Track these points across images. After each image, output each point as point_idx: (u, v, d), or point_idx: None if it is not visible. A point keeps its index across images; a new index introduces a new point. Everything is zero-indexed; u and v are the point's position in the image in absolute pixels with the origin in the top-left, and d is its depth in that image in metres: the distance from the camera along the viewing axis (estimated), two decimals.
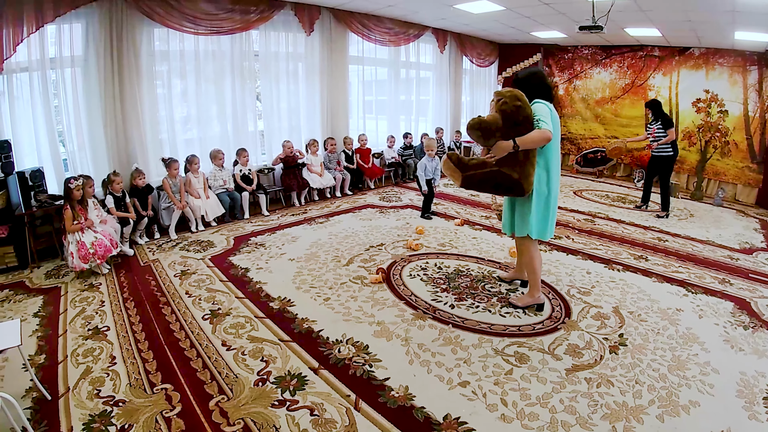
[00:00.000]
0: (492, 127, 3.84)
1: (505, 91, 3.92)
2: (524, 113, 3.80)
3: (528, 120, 3.81)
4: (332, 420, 2.97)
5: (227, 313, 4.41)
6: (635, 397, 3.21)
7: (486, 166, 4.00)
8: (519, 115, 3.79)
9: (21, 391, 3.21)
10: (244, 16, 7.30)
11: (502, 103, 3.84)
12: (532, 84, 4.12)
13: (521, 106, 3.79)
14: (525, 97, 3.88)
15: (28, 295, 4.82)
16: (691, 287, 5.09)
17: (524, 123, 3.80)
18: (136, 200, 6.31)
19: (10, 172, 5.44)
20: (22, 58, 5.71)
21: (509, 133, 3.81)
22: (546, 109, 3.91)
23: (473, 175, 4.02)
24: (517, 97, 3.82)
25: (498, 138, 3.85)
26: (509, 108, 3.79)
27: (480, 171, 4.01)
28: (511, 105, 3.79)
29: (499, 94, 3.92)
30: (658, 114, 7.87)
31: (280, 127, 8.74)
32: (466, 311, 4.44)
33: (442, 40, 11.06)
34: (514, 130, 3.80)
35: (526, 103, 3.86)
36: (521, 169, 3.90)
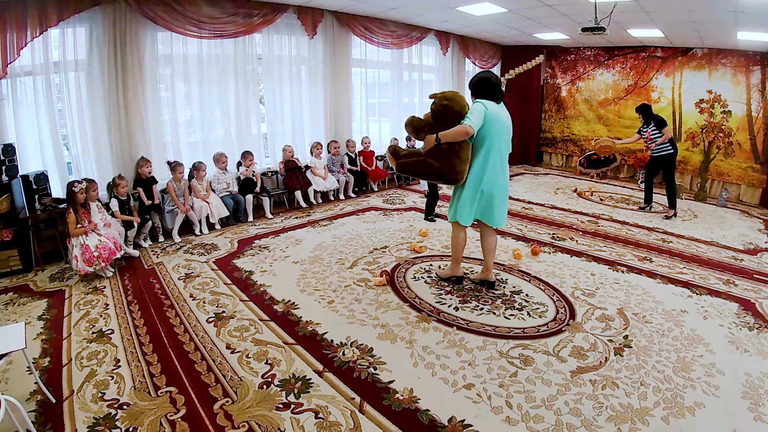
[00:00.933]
0: (422, 124, 4.57)
1: (438, 93, 4.54)
2: (452, 111, 4.36)
3: (459, 116, 4.33)
4: (337, 423, 2.97)
5: (231, 316, 4.41)
6: (640, 398, 3.20)
7: (415, 156, 4.67)
8: (446, 112, 4.38)
9: (25, 394, 3.21)
10: (247, 20, 7.31)
11: (432, 103, 4.51)
12: (477, 85, 4.57)
13: (448, 105, 4.37)
14: (459, 97, 4.45)
15: (32, 298, 4.83)
16: (695, 288, 5.08)
17: (454, 119, 4.33)
18: (141, 190, 6.33)
19: (15, 175, 5.45)
20: (26, 62, 5.73)
21: (438, 129, 4.38)
22: (480, 107, 4.34)
23: (404, 162, 4.74)
24: (445, 98, 4.42)
25: (426, 132, 4.49)
26: (436, 106, 4.45)
27: (409, 159, 4.70)
28: (438, 104, 4.43)
29: (433, 96, 4.54)
30: (648, 117, 7.97)
31: (283, 130, 8.74)
32: (470, 313, 4.44)
33: (444, 43, 11.06)
34: (444, 126, 4.35)
35: (458, 102, 4.39)
36: (443, 160, 4.44)
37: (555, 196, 9.51)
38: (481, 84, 4.54)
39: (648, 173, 8.44)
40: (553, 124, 13.06)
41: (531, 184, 10.85)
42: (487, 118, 4.32)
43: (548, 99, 13.05)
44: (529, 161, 13.44)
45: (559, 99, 12.79)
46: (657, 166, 8.11)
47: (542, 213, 8.21)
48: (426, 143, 4.49)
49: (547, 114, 13.15)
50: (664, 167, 7.99)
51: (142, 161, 6.49)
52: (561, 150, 13.06)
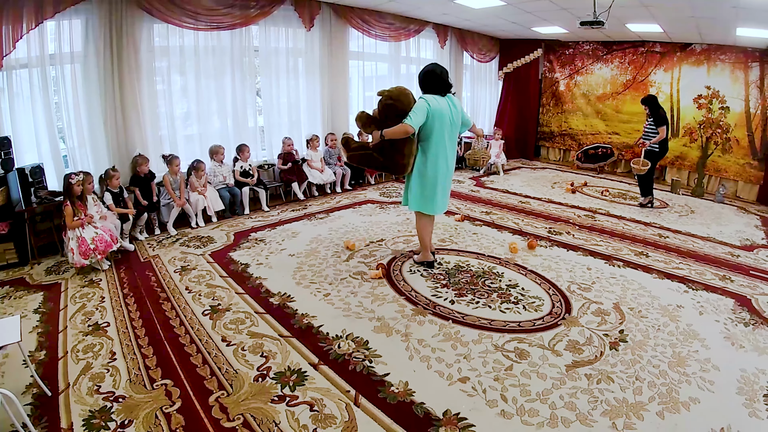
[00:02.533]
0: (369, 119, 4.87)
1: (386, 90, 4.78)
2: (397, 109, 4.62)
3: (404, 114, 4.53)
4: (332, 415, 2.97)
5: (227, 308, 4.42)
6: (635, 393, 3.21)
7: (363, 149, 5.08)
8: (391, 110, 4.66)
9: (21, 387, 3.21)
10: (243, 12, 7.28)
11: (379, 101, 4.77)
12: (424, 80, 4.79)
13: (391, 104, 4.66)
14: (405, 95, 4.72)
15: (28, 292, 4.81)
16: (691, 284, 5.09)
17: (399, 116, 4.54)
18: (137, 190, 6.32)
19: (10, 168, 5.43)
20: (22, 54, 5.69)
21: (385, 125, 4.64)
22: (423, 104, 4.57)
23: (354, 155, 5.15)
24: (390, 96, 4.68)
25: (373, 128, 4.76)
26: (381, 104, 4.76)
27: (359, 152, 5.12)
28: (383, 102, 4.72)
29: (381, 93, 4.77)
30: (653, 110, 7.97)
31: (280, 123, 8.72)
32: (466, 307, 4.45)
33: (442, 36, 11.03)
34: (389, 122, 4.61)
35: (402, 100, 4.66)
36: (387, 155, 4.80)
37: (552, 191, 9.51)
38: (427, 78, 4.76)
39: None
40: (551, 119, 13.05)
41: (528, 178, 10.84)
42: (431, 114, 4.58)
43: (546, 93, 13.03)
44: (526, 155, 13.43)
45: (557, 93, 12.78)
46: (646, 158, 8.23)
47: (539, 207, 8.21)
48: (372, 138, 4.79)
49: (545, 108, 13.13)
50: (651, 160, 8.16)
51: (140, 159, 6.45)
52: (559, 144, 13.05)
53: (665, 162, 10.64)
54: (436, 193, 4.91)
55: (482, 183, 10.16)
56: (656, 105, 8.02)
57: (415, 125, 4.47)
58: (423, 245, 5.34)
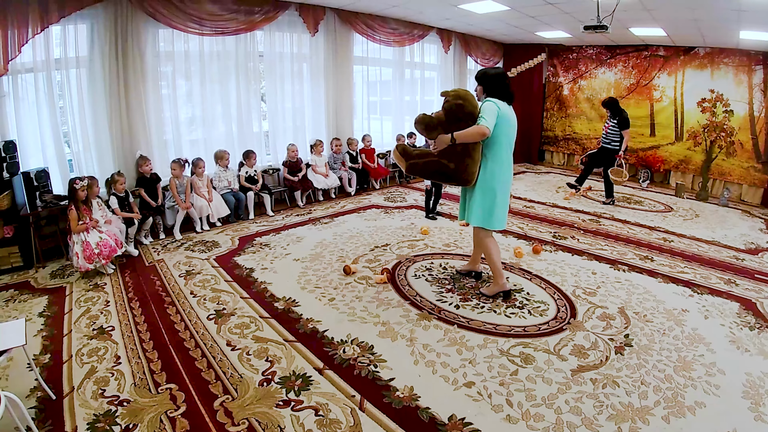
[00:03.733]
0: (434, 122, 4.35)
1: (451, 90, 4.36)
2: (466, 110, 4.19)
3: (472, 116, 4.18)
4: (337, 420, 2.97)
5: (232, 313, 4.42)
6: (641, 398, 3.20)
7: (427, 156, 4.49)
8: (460, 111, 4.20)
9: (26, 391, 3.22)
10: (248, 17, 7.30)
11: (445, 101, 4.33)
12: (493, 81, 4.38)
13: (462, 104, 4.20)
14: (471, 96, 4.29)
15: (33, 295, 4.83)
16: (696, 288, 5.07)
17: (467, 119, 4.17)
18: (142, 190, 6.32)
19: (16, 172, 5.45)
20: (27, 59, 5.72)
21: (451, 128, 4.21)
22: (493, 106, 4.17)
23: (415, 163, 4.56)
24: (459, 96, 4.24)
25: (439, 131, 4.29)
26: (450, 105, 4.26)
27: (422, 160, 4.52)
28: (452, 103, 4.24)
29: (445, 94, 4.37)
30: (615, 112, 8.28)
31: (284, 128, 8.73)
32: (471, 312, 4.44)
33: (446, 41, 11.05)
34: (456, 125, 4.19)
35: (471, 101, 4.24)
36: (457, 160, 4.30)
37: (556, 195, 9.50)
38: (496, 81, 4.36)
39: (591, 161, 8.97)
40: (555, 123, 13.05)
41: (532, 182, 10.83)
42: (500, 119, 4.17)
43: (550, 97, 13.03)
44: (530, 160, 13.42)
45: (560, 97, 12.78)
46: (599, 157, 8.66)
47: (544, 211, 8.20)
48: (438, 143, 4.28)
49: (549, 112, 13.13)
50: (606, 161, 8.52)
51: (141, 160, 6.47)
52: (563, 148, 13.04)
53: (669, 166, 10.63)
54: (506, 205, 4.54)
55: None
56: (618, 107, 8.31)
57: (491, 127, 4.09)
58: (497, 271, 4.67)
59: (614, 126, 8.25)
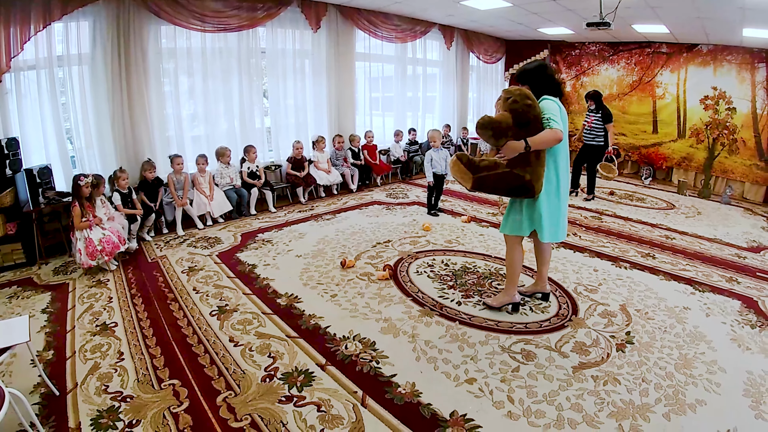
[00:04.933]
0: (503, 126, 3.65)
1: (514, 89, 3.75)
2: (534, 112, 3.64)
3: (537, 119, 3.65)
4: (339, 416, 2.98)
5: (234, 309, 4.43)
6: (642, 395, 3.20)
7: (498, 167, 3.80)
8: (530, 114, 3.63)
9: (29, 387, 3.23)
10: (250, 13, 7.30)
11: (512, 101, 3.67)
12: (541, 79, 3.94)
13: (532, 105, 3.65)
14: (534, 97, 3.73)
15: (36, 292, 4.84)
16: (698, 285, 5.07)
17: (534, 122, 3.65)
18: (143, 194, 6.34)
19: (18, 169, 5.46)
20: (30, 56, 5.74)
21: (520, 133, 3.64)
22: (555, 106, 3.73)
23: (486, 176, 3.82)
24: (527, 96, 3.67)
25: (509, 138, 3.67)
26: (520, 107, 3.63)
27: (492, 173, 3.81)
28: (522, 104, 3.63)
29: (509, 93, 3.74)
30: (599, 105, 8.30)
31: (287, 124, 8.75)
32: (473, 308, 4.44)
33: (449, 37, 11.03)
34: (524, 129, 3.64)
35: (536, 102, 3.71)
36: (533, 170, 3.74)
37: None
38: (543, 75, 3.98)
39: (579, 161, 8.87)
40: None
41: None
42: (561, 119, 3.74)
43: None
44: None
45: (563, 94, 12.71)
46: (587, 154, 8.57)
47: None
48: (508, 151, 3.71)
49: None
50: (593, 157, 8.47)
51: (147, 165, 6.48)
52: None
53: (672, 163, 10.62)
54: (561, 215, 4.09)
55: None
56: (601, 100, 8.34)
57: (563, 130, 3.67)
58: (511, 279, 4.34)
59: (598, 120, 8.23)
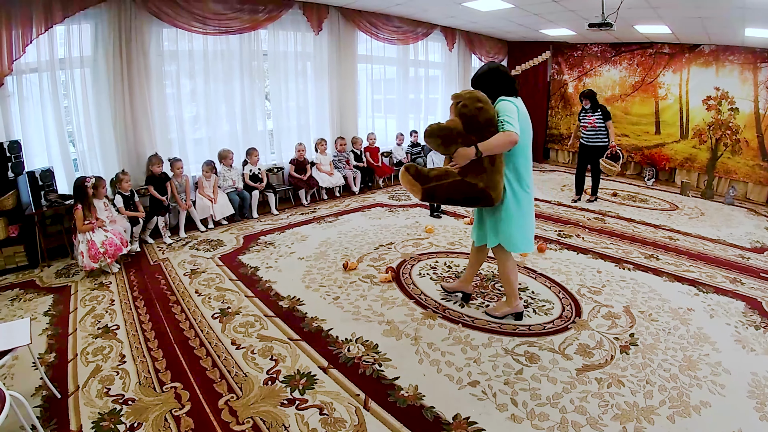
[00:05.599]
0: (453, 132, 3.56)
1: (464, 92, 3.65)
2: (486, 115, 3.51)
3: (490, 122, 3.51)
4: (341, 419, 2.97)
5: (237, 311, 4.42)
6: (646, 397, 3.19)
7: (448, 177, 3.63)
8: (481, 117, 3.50)
9: (31, 390, 3.23)
10: (252, 16, 7.31)
11: (461, 105, 3.58)
12: (495, 80, 3.75)
13: (483, 108, 3.51)
14: (486, 98, 3.61)
15: (38, 294, 4.84)
16: (702, 286, 5.05)
17: (486, 126, 3.50)
18: (151, 187, 6.35)
19: (21, 172, 5.46)
20: (32, 59, 5.75)
21: (470, 138, 3.51)
22: (512, 106, 3.55)
23: (437, 186, 3.64)
24: (477, 98, 3.55)
25: (459, 144, 3.55)
26: (469, 111, 3.52)
27: (443, 182, 3.63)
28: (472, 107, 3.52)
29: (458, 97, 3.64)
30: (596, 104, 8.22)
31: (289, 127, 8.75)
32: (475, 310, 4.43)
33: (450, 39, 11.03)
34: (476, 134, 3.50)
35: (488, 103, 3.59)
36: (487, 177, 3.58)
37: (561, 193, 9.48)
38: (499, 77, 3.75)
39: (582, 163, 8.73)
40: (560, 121, 13.02)
41: (537, 181, 10.79)
42: (520, 119, 3.58)
43: (555, 95, 12.99)
44: (535, 158, 13.30)
45: (565, 95, 12.74)
46: (591, 155, 8.42)
47: (548, 210, 8.19)
48: (460, 158, 3.55)
49: (554, 110, 13.10)
50: (596, 158, 8.30)
51: (154, 158, 6.51)
52: (568, 147, 13.00)
53: (674, 164, 10.60)
54: (526, 223, 3.92)
55: None
56: (596, 99, 8.28)
57: (518, 132, 3.43)
58: (510, 291, 4.21)
59: (599, 119, 8.13)
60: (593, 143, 8.28)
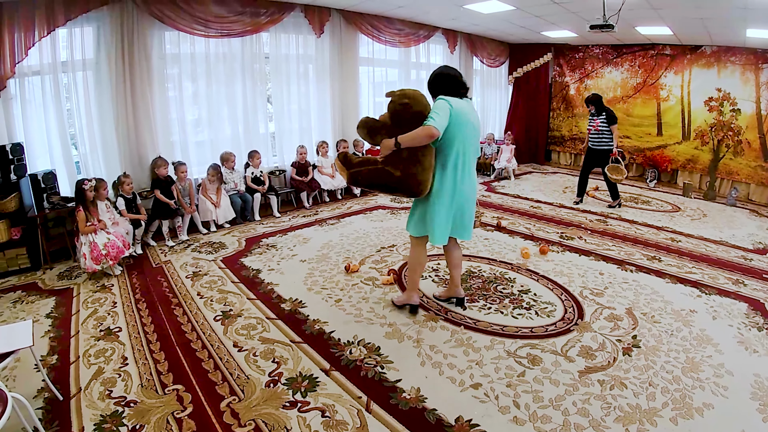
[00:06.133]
0: (378, 124, 3.89)
1: (397, 90, 3.90)
2: (413, 110, 3.71)
3: (419, 117, 3.68)
4: (344, 421, 2.97)
5: (239, 314, 4.42)
6: (649, 399, 3.18)
7: (369, 164, 3.98)
8: (406, 112, 3.72)
9: (33, 392, 3.23)
10: (254, 19, 7.32)
11: (391, 101, 3.86)
12: (437, 82, 3.96)
13: (408, 104, 3.73)
14: (421, 96, 3.81)
15: (40, 296, 4.85)
16: (704, 288, 5.04)
17: (414, 121, 3.67)
18: (158, 191, 6.35)
19: (23, 174, 5.47)
20: (34, 61, 5.76)
21: (395, 131, 3.73)
22: (444, 104, 3.69)
23: (358, 172, 3.99)
24: (405, 95, 3.78)
25: (384, 136, 3.82)
26: (396, 105, 3.78)
27: (365, 168, 3.98)
28: (397, 103, 3.77)
29: (391, 94, 3.90)
30: (600, 108, 8.17)
31: (291, 129, 8.75)
32: (478, 313, 4.43)
33: (452, 41, 11.03)
34: (403, 128, 3.69)
35: (419, 100, 3.77)
36: (404, 168, 3.79)
37: (563, 195, 9.47)
38: (439, 80, 3.95)
39: (587, 166, 8.61)
40: (562, 123, 13.01)
41: (539, 182, 10.81)
42: (453, 117, 3.70)
43: (556, 97, 12.99)
44: (537, 160, 13.38)
45: (567, 97, 12.73)
46: (596, 159, 8.34)
47: (550, 212, 8.18)
48: (383, 148, 3.83)
49: (556, 112, 13.09)
50: (603, 162, 8.22)
51: (159, 161, 6.49)
52: (569, 149, 13.00)
53: (676, 165, 10.59)
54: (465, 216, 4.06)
55: (493, 188, 10.13)
56: (602, 104, 8.22)
57: (440, 127, 3.56)
58: (411, 282, 4.37)
59: (604, 123, 8.09)
60: (598, 146, 8.22)
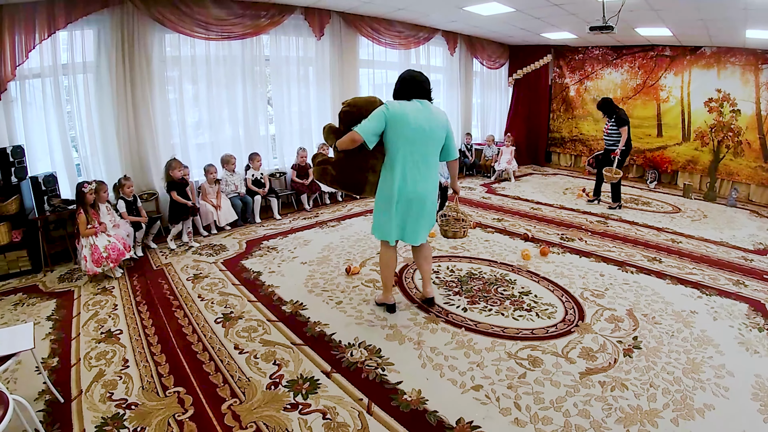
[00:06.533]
0: (332, 129, 4.26)
1: (350, 99, 4.32)
2: (353, 117, 4.01)
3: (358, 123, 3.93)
4: (345, 424, 2.97)
5: (240, 316, 4.43)
6: (649, 400, 3.18)
7: (321, 164, 4.41)
8: (348, 118, 4.07)
9: (34, 394, 3.23)
10: (254, 21, 7.32)
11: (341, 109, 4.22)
12: (396, 86, 4.08)
13: (347, 110, 4.10)
14: (364, 103, 4.12)
15: (41, 299, 4.86)
16: (705, 289, 5.04)
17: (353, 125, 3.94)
18: (174, 192, 6.34)
19: (24, 177, 5.48)
20: (35, 64, 5.77)
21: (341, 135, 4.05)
22: (379, 110, 3.87)
23: (315, 169, 4.50)
24: (349, 104, 4.16)
25: (333, 139, 4.14)
26: (340, 112, 4.19)
27: (319, 167, 4.41)
28: (342, 110, 4.16)
29: (344, 102, 4.26)
30: (610, 112, 8.19)
31: (291, 131, 8.75)
32: (478, 314, 4.43)
33: (452, 43, 11.03)
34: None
35: (361, 107, 4.05)
36: (339, 169, 4.23)
37: (563, 197, 9.47)
38: (396, 85, 4.06)
39: (601, 166, 8.64)
40: (562, 124, 13.01)
41: (539, 184, 10.81)
42: (390, 121, 3.81)
43: (556, 99, 12.99)
44: (537, 161, 13.39)
45: (567, 99, 12.74)
46: (605, 159, 8.43)
47: (551, 213, 8.18)
48: (333, 151, 4.29)
49: (556, 114, 13.09)
50: (610, 161, 8.25)
51: (174, 163, 6.47)
52: (569, 150, 13.00)
53: (677, 166, 10.59)
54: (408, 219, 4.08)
55: (493, 190, 10.13)
56: (612, 107, 8.22)
57: (364, 132, 3.75)
58: (383, 281, 4.48)
59: (613, 125, 8.15)
60: (611, 147, 8.27)
